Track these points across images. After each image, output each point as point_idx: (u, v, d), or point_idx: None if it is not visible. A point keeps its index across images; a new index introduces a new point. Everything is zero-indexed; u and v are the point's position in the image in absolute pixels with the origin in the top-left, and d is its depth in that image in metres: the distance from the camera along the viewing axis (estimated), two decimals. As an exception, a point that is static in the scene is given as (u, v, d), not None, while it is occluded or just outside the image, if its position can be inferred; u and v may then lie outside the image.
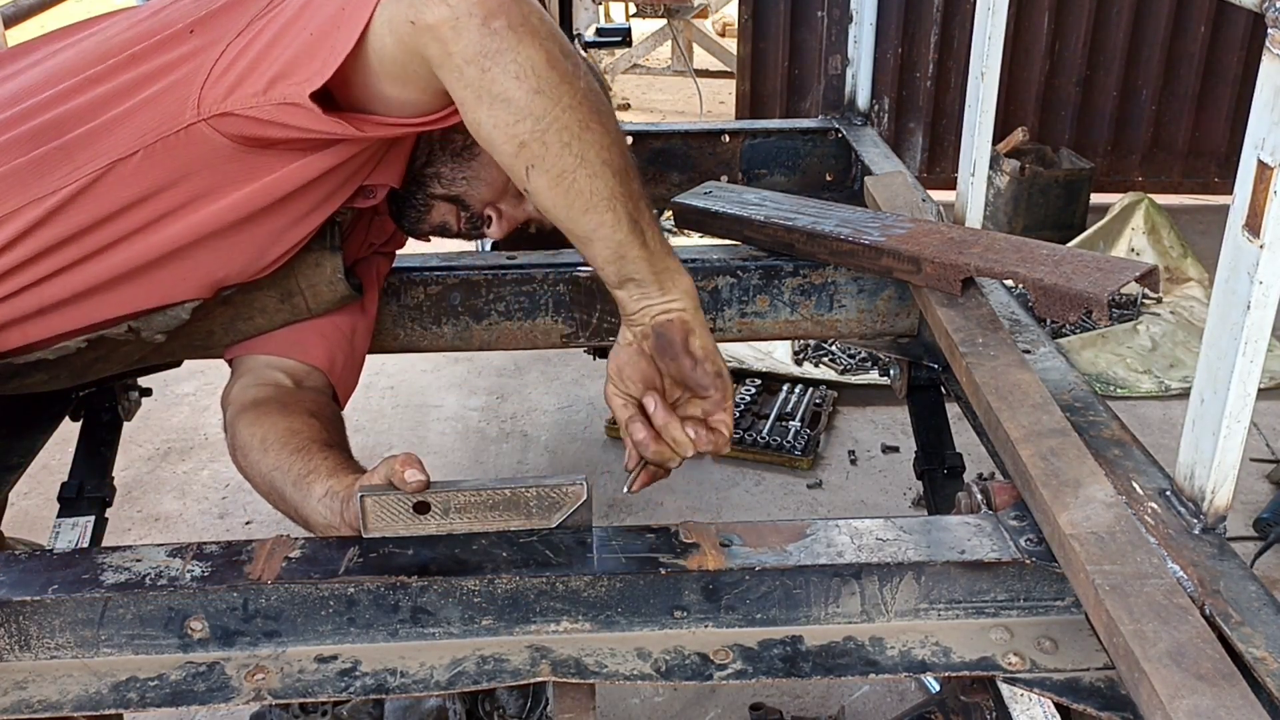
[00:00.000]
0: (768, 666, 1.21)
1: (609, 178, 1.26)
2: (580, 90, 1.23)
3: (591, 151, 1.25)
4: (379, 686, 1.19)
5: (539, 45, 1.20)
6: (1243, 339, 1.15)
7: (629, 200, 1.28)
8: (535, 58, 1.20)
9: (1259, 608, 1.12)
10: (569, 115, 1.22)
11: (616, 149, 1.28)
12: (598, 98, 1.27)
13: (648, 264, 1.32)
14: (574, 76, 1.23)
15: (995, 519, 1.32)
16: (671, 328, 1.36)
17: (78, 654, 1.21)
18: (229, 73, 1.30)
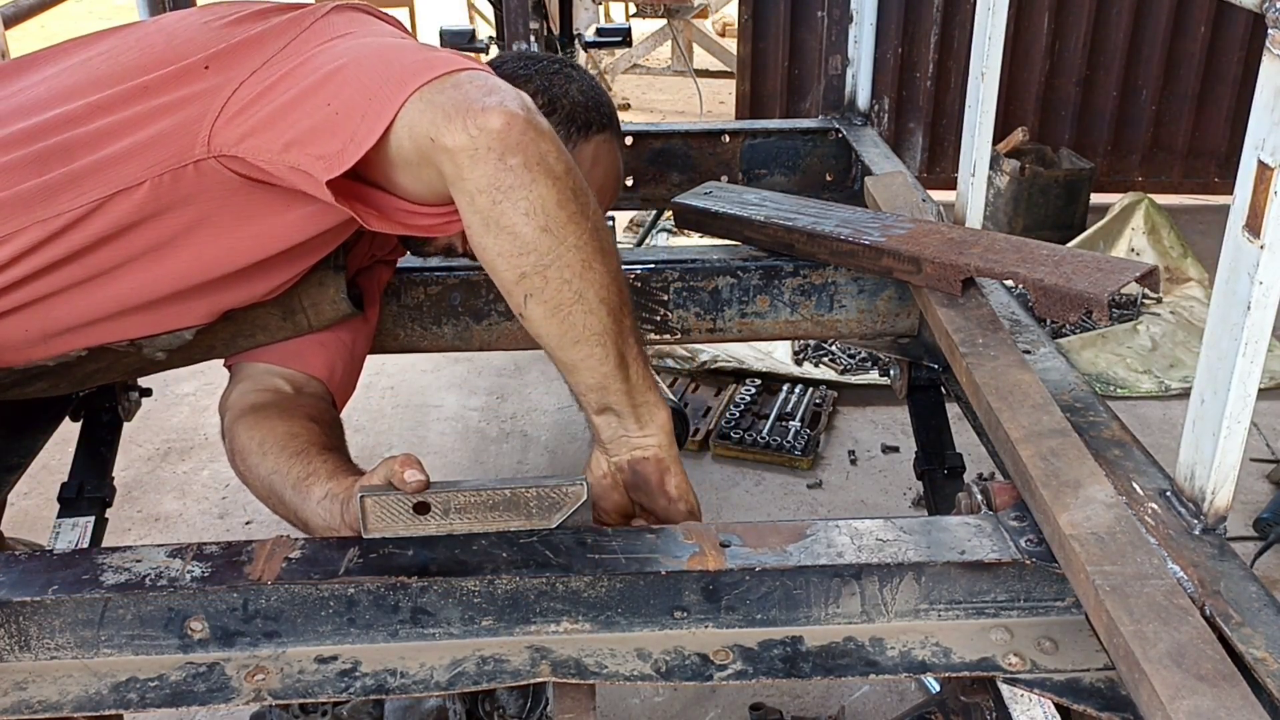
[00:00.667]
0: (768, 667, 1.21)
1: (604, 315, 1.29)
2: (587, 230, 1.25)
3: (590, 290, 1.27)
4: (379, 687, 1.19)
5: (552, 184, 1.22)
6: (1243, 339, 1.15)
7: (620, 336, 1.31)
8: (546, 197, 1.21)
9: (1259, 608, 1.12)
10: (573, 255, 1.24)
11: (615, 287, 1.30)
12: (603, 236, 1.29)
13: (628, 398, 1.36)
14: (582, 216, 1.25)
15: (995, 519, 1.32)
16: (647, 466, 1.41)
17: (78, 654, 1.21)
18: (242, 116, 1.31)
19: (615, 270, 1.30)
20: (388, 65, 1.26)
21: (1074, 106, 5.72)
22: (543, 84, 1.64)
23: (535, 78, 1.65)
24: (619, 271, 1.31)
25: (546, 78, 1.66)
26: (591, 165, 1.65)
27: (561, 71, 1.68)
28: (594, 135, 1.66)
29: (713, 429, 3.73)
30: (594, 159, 1.66)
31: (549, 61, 1.71)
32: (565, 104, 1.64)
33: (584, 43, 3.87)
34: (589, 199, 1.27)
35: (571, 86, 1.66)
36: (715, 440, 3.68)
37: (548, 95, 1.63)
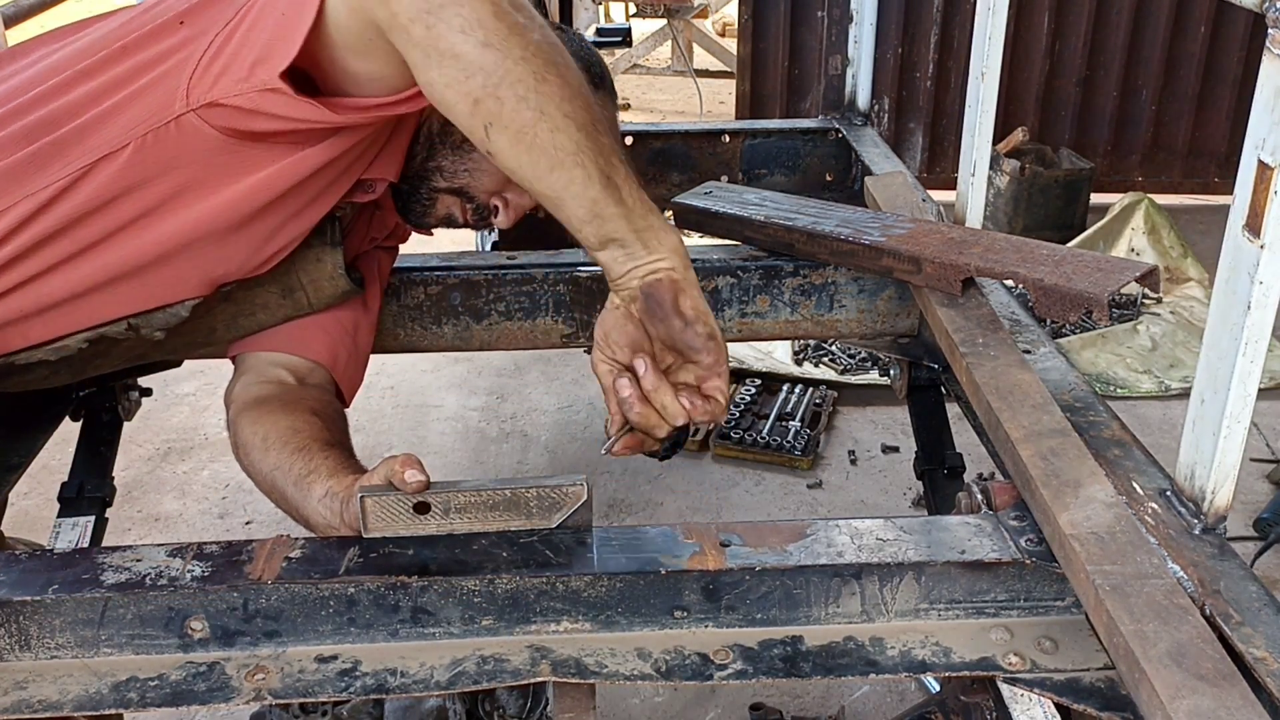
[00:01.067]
0: (768, 666, 1.21)
1: (573, 131, 1.22)
2: (533, 42, 1.20)
3: (551, 105, 1.20)
4: (379, 686, 1.19)
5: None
6: (1243, 339, 1.15)
7: (598, 154, 1.23)
8: (481, 10, 1.17)
9: (1259, 608, 1.12)
10: (521, 67, 1.19)
11: (579, 101, 1.23)
12: (553, 50, 1.23)
13: (626, 221, 1.26)
14: (525, 29, 1.20)
15: (995, 519, 1.32)
16: (660, 287, 1.29)
17: (78, 654, 1.21)
18: (215, 62, 1.30)
19: (576, 83, 1.24)
20: None
21: (1074, 106, 5.72)
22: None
23: None
24: (581, 85, 1.25)
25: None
26: None
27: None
28: None
29: (713, 429, 3.73)
30: None
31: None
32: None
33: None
34: (532, 15, 1.22)
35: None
36: (715, 440, 3.68)
37: None
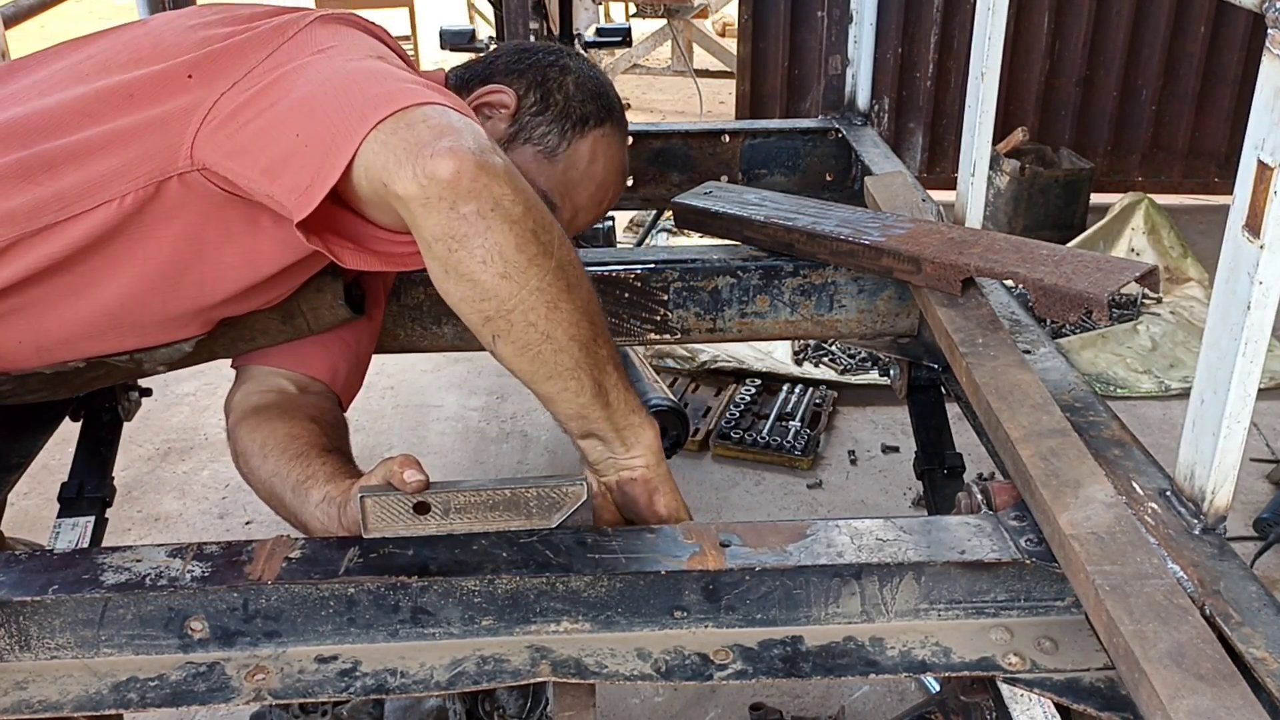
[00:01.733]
0: (768, 667, 1.21)
1: (575, 351, 1.26)
2: (550, 269, 1.21)
3: (559, 330, 1.24)
4: (379, 687, 1.19)
5: (509, 229, 1.18)
6: (1243, 339, 1.15)
7: (595, 367, 1.29)
8: (504, 242, 1.18)
9: (1259, 608, 1.12)
10: (536, 298, 1.21)
11: (585, 321, 1.26)
12: (570, 271, 1.25)
13: (609, 422, 1.34)
14: (544, 256, 1.21)
15: (995, 519, 1.32)
16: (635, 487, 1.39)
17: (78, 654, 1.21)
18: (223, 132, 1.29)
19: (585, 303, 1.26)
20: (350, 97, 1.23)
21: (1074, 106, 5.72)
22: (536, 78, 1.61)
23: (528, 72, 1.62)
24: (590, 302, 1.28)
25: (540, 71, 1.62)
26: (589, 162, 1.63)
27: (557, 64, 1.64)
28: (591, 130, 1.62)
29: (713, 429, 3.73)
30: (592, 155, 1.63)
31: (545, 53, 1.67)
32: (559, 99, 1.60)
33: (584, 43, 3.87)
34: (553, 234, 1.23)
35: (568, 79, 1.62)
36: (715, 440, 3.68)
37: (541, 90, 1.60)
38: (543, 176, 1.59)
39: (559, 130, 1.60)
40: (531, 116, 1.59)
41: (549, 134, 1.59)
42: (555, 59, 1.65)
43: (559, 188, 1.61)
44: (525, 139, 1.59)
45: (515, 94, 1.59)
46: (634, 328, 1.94)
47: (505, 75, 1.62)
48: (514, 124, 1.59)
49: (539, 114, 1.59)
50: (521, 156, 1.58)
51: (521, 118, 1.59)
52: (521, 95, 1.60)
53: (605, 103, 1.65)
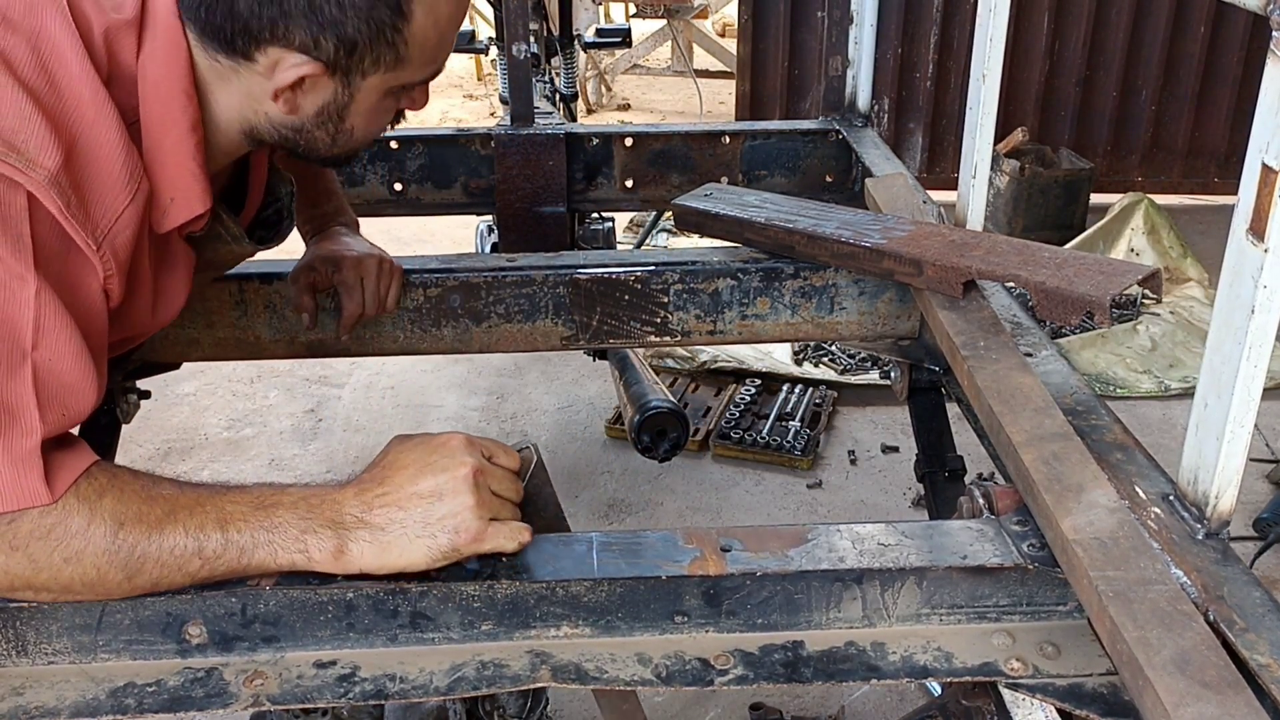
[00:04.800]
0: (769, 672, 1.21)
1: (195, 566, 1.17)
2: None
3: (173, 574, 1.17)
4: (378, 692, 1.18)
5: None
6: (1246, 344, 1.14)
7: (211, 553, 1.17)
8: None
9: (1263, 614, 1.12)
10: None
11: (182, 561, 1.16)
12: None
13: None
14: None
15: (997, 524, 1.31)
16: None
17: (75, 659, 1.20)
18: None
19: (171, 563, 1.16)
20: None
21: (1074, 106, 5.72)
22: (305, 14, 1.18)
23: (291, 11, 1.18)
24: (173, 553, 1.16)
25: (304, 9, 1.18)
26: (433, 19, 1.25)
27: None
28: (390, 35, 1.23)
29: (713, 429, 3.73)
30: (430, 10, 1.25)
31: None
32: (352, 21, 1.20)
33: (584, 43, 3.87)
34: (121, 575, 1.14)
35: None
36: (715, 440, 3.67)
37: (323, 26, 1.19)
38: (406, 78, 1.30)
39: (384, 42, 1.23)
40: (347, 58, 1.23)
41: (380, 56, 1.24)
42: None
43: (426, 66, 1.32)
44: (362, 74, 1.26)
45: (307, 55, 1.21)
46: (634, 330, 1.93)
47: (267, 23, 1.19)
48: (337, 74, 1.25)
49: (351, 52, 1.22)
50: (374, 87, 1.28)
51: (337, 65, 1.23)
52: (311, 49, 1.21)
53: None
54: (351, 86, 1.27)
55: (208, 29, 1.20)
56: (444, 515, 1.20)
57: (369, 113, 1.32)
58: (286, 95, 1.25)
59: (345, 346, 1.90)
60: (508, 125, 2.63)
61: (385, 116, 1.38)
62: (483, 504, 1.21)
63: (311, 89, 1.26)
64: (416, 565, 1.19)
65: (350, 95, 1.28)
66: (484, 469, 1.24)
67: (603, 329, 1.93)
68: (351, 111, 1.30)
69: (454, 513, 1.20)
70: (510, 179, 2.60)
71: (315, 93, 1.27)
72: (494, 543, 1.22)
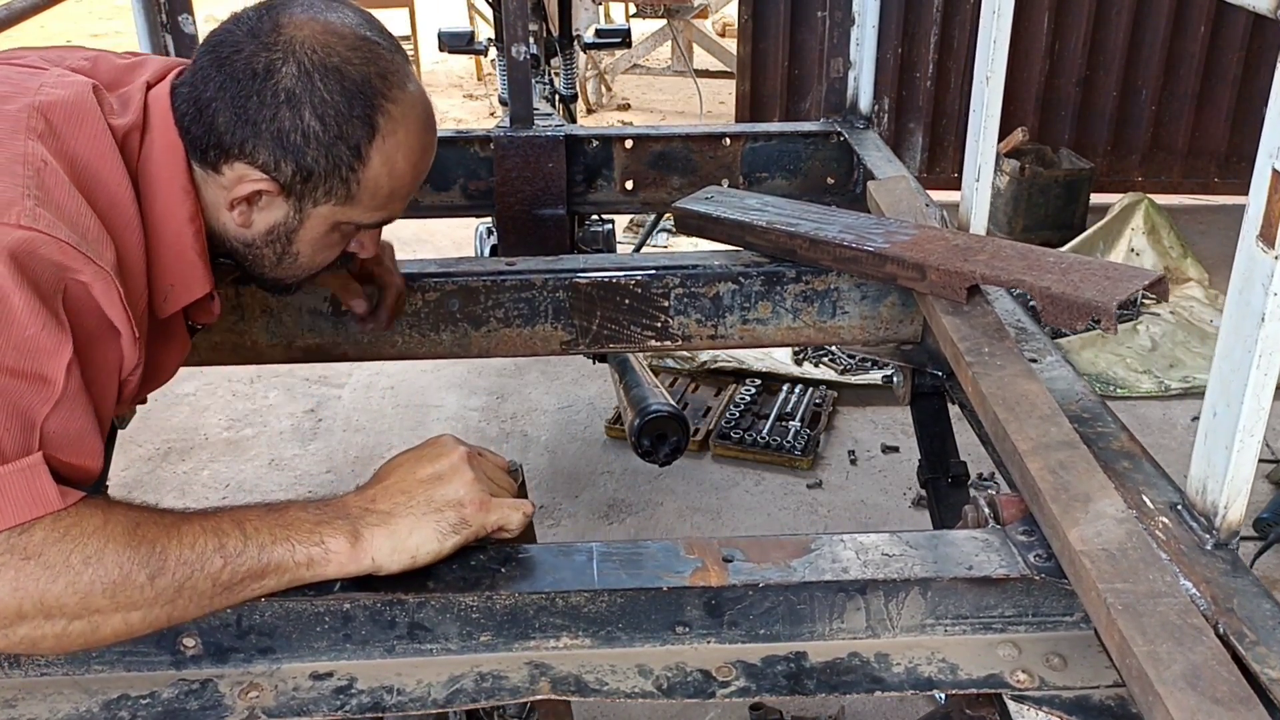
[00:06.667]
0: (771, 683, 1.20)
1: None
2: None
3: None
4: (375, 704, 1.17)
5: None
6: (1257, 352, 1.13)
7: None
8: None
9: (1274, 626, 1.10)
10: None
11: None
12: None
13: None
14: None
15: (1003, 533, 1.30)
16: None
17: (68, 671, 1.19)
18: None
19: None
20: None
21: (1074, 106, 5.71)
22: (271, 138, 1.28)
23: (261, 131, 1.28)
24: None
25: (269, 125, 1.28)
26: (388, 171, 1.35)
27: (277, 98, 1.27)
28: (370, 145, 1.32)
29: (713, 429, 3.71)
30: (387, 162, 1.34)
31: (257, 84, 1.28)
32: (312, 152, 1.30)
33: (584, 43, 3.85)
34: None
35: (303, 115, 1.28)
36: (715, 440, 3.66)
37: (285, 152, 1.29)
38: (354, 216, 1.39)
39: (338, 178, 1.32)
40: (302, 184, 1.32)
41: (332, 189, 1.33)
42: (272, 90, 1.27)
43: (376, 211, 1.40)
44: (314, 202, 1.34)
45: (267, 174, 1.30)
46: (634, 334, 1.92)
47: (238, 141, 1.29)
48: (291, 198, 1.33)
49: (306, 179, 1.31)
50: (323, 217, 1.37)
51: (292, 189, 1.32)
52: (272, 169, 1.29)
53: (363, 98, 1.30)
54: (302, 212, 1.36)
55: (189, 138, 1.31)
56: (447, 493, 1.23)
57: (316, 241, 1.40)
58: (242, 208, 1.34)
59: (343, 352, 1.89)
60: (507, 127, 2.62)
61: (332, 251, 1.45)
62: (482, 480, 1.25)
63: (266, 206, 1.35)
64: (429, 546, 1.20)
65: (300, 220, 1.37)
66: (476, 455, 1.28)
67: (603, 333, 1.92)
68: (299, 237, 1.39)
69: (456, 489, 1.23)
70: (510, 181, 2.58)
71: (268, 210, 1.35)
72: (500, 514, 1.24)
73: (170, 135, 1.31)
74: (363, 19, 1.37)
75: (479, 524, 1.22)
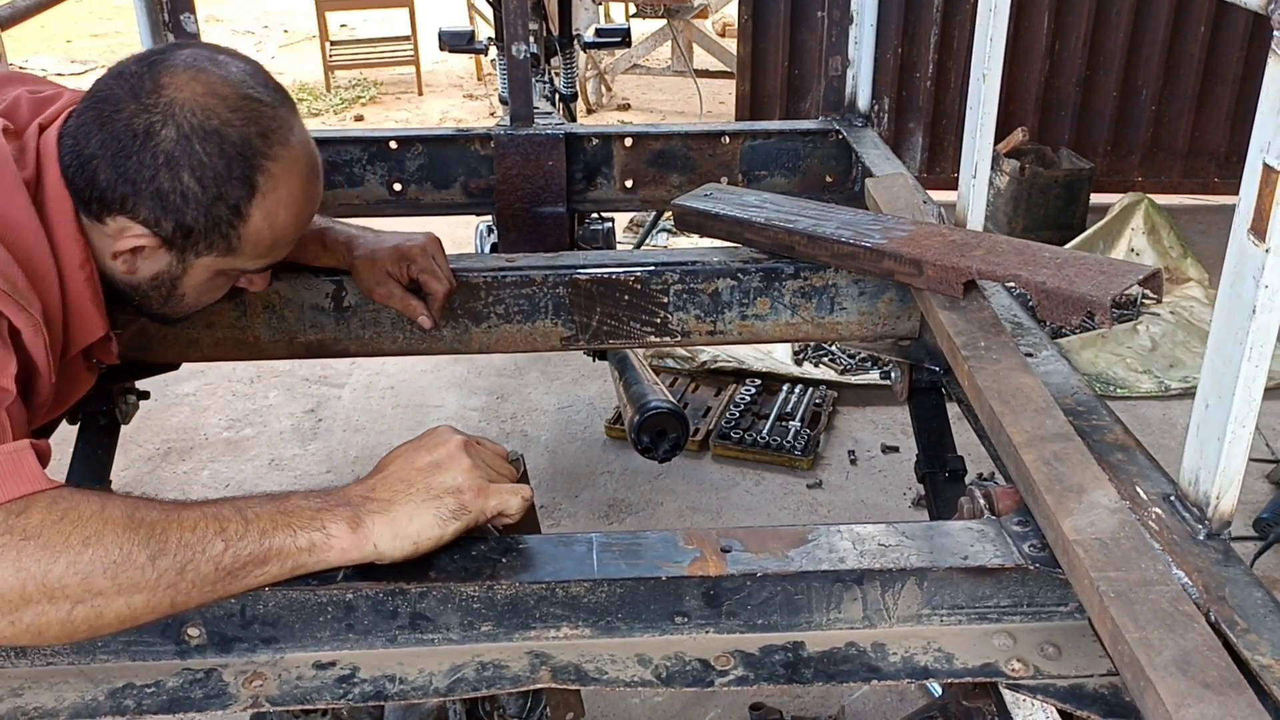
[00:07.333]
0: (769, 673, 1.21)
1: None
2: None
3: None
4: (377, 693, 1.18)
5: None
6: (1248, 344, 1.14)
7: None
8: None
9: (1264, 615, 1.11)
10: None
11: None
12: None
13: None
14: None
15: (998, 524, 1.31)
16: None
17: (74, 660, 1.20)
18: None
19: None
20: None
21: (1074, 106, 5.72)
22: (150, 196, 1.31)
23: (141, 189, 1.31)
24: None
25: (148, 184, 1.31)
26: (269, 225, 1.39)
27: (156, 159, 1.30)
28: (250, 203, 1.36)
29: (713, 429, 3.72)
30: (269, 216, 1.38)
31: (136, 141, 1.30)
32: (192, 212, 1.33)
33: (584, 43, 3.87)
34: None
35: (182, 177, 1.31)
36: (715, 440, 3.67)
37: (165, 210, 1.32)
38: (238, 265, 1.43)
39: (218, 234, 1.36)
40: (183, 239, 1.35)
41: (213, 243, 1.37)
42: (151, 152, 1.30)
43: (260, 259, 1.44)
44: (196, 254, 1.38)
45: (148, 229, 1.34)
46: (634, 330, 1.93)
47: (119, 198, 1.32)
48: (173, 250, 1.37)
49: (187, 236, 1.35)
50: (206, 266, 1.41)
51: (174, 243, 1.36)
52: (153, 225, 1.33)
53: (243, 159, 1.33)
54: (185, 262, 1.40)
55: (73, 188, 1.34)
56: (446, 480, 1.23)
57: (200, 285, 1.45)
58: (125, 257, 1.38)
59: (345, 347, 1.90)
60: (507, 125, 2.63)
61: (218, 291, 1.51)
62: (480, 467, 1.26)
63: (149, 257, 1.39)
64: (430, 532, 1.20)
65: (183, 269, 1.41)
66: (474, 443, 1.30)
67: (602, 329, 1.93)
68: (184, 283, 1.43)
69: (454, 476, 1.23)
70: (510, 179, 2.59)
71: (151, 260, 1.39)
72: (499, 499, 1.24)
73: (60, 187, 1.34)
74: (247, 71, 1.39)
75: (478, 509, 1.23)
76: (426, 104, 8.49)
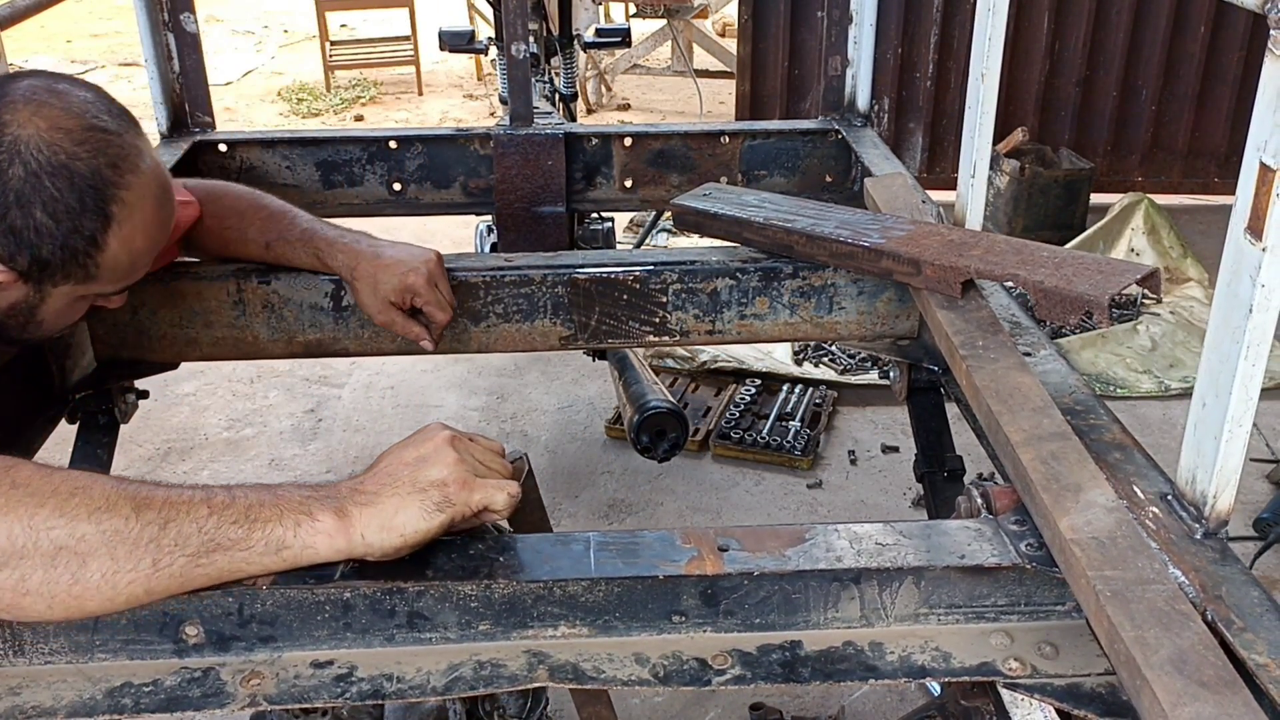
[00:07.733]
0: (766, 672, 1.21)
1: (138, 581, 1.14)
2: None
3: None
4: (375, 692, 1.18)
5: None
6: (1245, 342, 1.14)
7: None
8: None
9: (1261, 613, 1.12)
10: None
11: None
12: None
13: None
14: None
15: (995, 523, 1.31)
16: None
17: (72, 659, 1.20)
18: None
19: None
20: None
21: (1074, 106, 5.72)
22: (4, 233, 1.33)
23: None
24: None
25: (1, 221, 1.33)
26: (127, 250, 1.41)
27: (6, 198, 1.31)
28: (106, 233, 1.37)
29: (713, 429, 3.73)
30: (126, 242, 1.40)
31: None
32: (47, 245, 1.35)
33: (584, 43, 3.87)
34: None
35: (34, 214, 1.32)
36: (715, 440, 3.68)
37: (20, 246, 1.34)
38: (97, 289, 1.45)
39: (75, 264, 1.38)
40: (39, 272, 1.37)
41: (70, 273, 1.39)
42: (1, 189, 1.31)
43: (118, 282, 1.47)
44: (53, 284, 1.40)
45: (3, 265, 1.35)
46: (633, 330, 1.93)
47: None
48: (29, 283, 1.39)
49: (43, 269, 1.37)
50: (65, 294, 1.43)
51: (30, 275, 1.38)
52: (8, 260, 1.35)
53: (94, 191, 1.35)
54: (43, 292, 1.42)
55: None
56: (430, 473, 1.23)
57: (59, 311, 1.46)
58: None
59: (344, 347, 1.90)
60: (507, 125, 2.63)
61: (77, 313, 1.51)
62: (466, 462, 1.25)
63: (6, 290, 1.39)
64: (415, 524, 1.20)
65: (41, 298, 1.43)
66: (463, 439, 1.29)
67: (601, 329, 1.93)
68: (41, 310, 1.44)
69: (439, 469, 1.23)
70: (509, 179, 2.60)
71: (9, 293, 1.40)
72: (483, 493, 1.23)
73: None
74: (89, 100, 1.38)
75: (462, 502, 1.22)
76: (426, 104, 8.49)
